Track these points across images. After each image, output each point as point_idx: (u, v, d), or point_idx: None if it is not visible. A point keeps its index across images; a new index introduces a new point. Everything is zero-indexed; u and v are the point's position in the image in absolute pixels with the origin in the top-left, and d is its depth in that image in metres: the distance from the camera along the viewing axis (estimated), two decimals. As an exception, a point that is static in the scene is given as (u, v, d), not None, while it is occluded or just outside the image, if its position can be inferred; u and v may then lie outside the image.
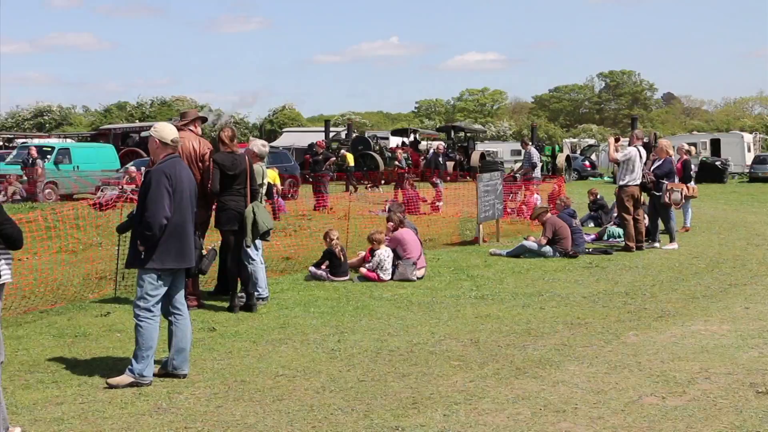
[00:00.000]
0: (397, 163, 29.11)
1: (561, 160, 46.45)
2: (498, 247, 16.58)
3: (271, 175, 17.14)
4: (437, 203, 24.10)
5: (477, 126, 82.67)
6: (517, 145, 55.03)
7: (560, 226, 15.49)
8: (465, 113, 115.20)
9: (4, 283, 6.23)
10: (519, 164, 29.59)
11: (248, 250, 10.69)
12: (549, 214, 16.00)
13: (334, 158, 29.41)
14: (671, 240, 16.66)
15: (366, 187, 28.09)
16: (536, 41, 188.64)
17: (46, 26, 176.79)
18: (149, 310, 7.36)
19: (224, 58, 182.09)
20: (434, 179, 26.41)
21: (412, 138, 51.35)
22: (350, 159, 37.28)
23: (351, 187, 30.55)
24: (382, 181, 27.29)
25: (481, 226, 17.51)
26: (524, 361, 8.12)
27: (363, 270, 12.91)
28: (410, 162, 44.53)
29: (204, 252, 8.42)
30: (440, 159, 28.85)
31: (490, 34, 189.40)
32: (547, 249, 15.29)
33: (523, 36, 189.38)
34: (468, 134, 50.50)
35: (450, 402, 6.86)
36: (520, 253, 15.37)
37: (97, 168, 31.40)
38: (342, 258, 12.86)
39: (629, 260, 14.90)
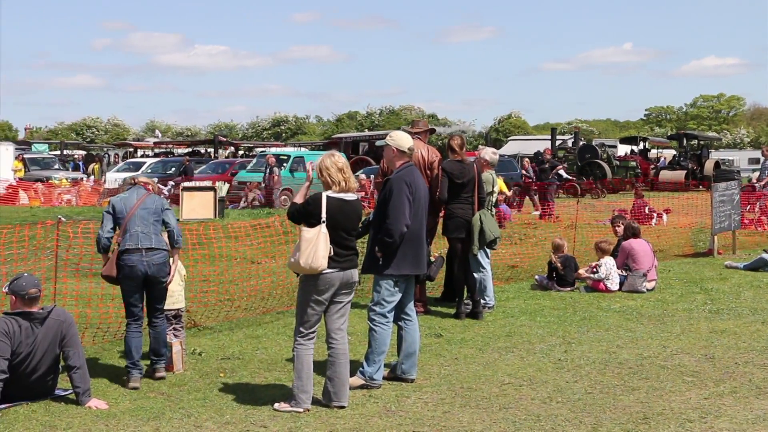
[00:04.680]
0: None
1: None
2: (734, 259, 15.79)
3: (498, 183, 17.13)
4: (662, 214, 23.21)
5: (711, 134, 79.09)
6: (756, 154, 52.22)
7: (804, 238, 14.56)
8: (698, 120, 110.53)
9: None
10: (757, 173, 28.02)
11: (479, 258, 10.75)
12: (792, 226, 15.08)
13: (561, 166, 28.93)
14: None
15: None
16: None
17: (288, 40, 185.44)
18: (384, 316, 7.54)
19: (453, 68, 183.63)
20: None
21: (641, 146, 49.86)
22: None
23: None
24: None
25: (715, 237, 16.76)
26: (765, 381, 7.69)
27: (590, 280, 12.67)
28: (639, 171, 43.44)
29: (432, 259, 8.55)
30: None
31: (731, 37, 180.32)
32: (790, 263, 14.40)
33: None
34: (701, 142, 48.39)
35: (683, 419, 6.61)
36: (759, 266, 14.57)
37: (329, 176, 32.46)
38: (568, 268, 12.67)
39: None
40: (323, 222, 6.81)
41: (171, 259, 7.99)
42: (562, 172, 38.69)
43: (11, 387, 6.83)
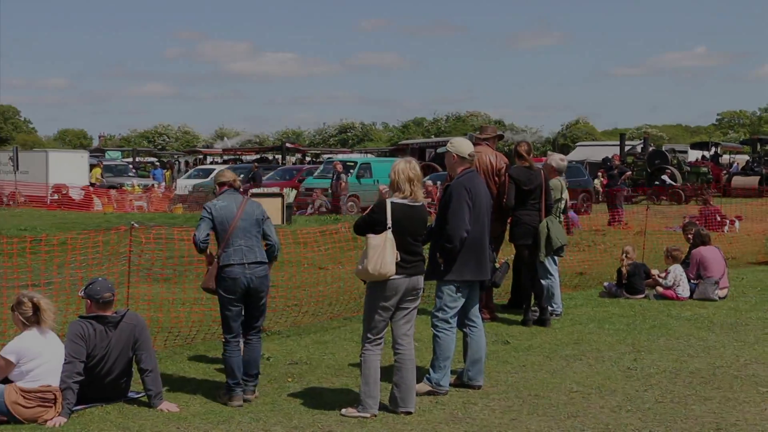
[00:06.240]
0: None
1: None
2: (810, 267, 15.44)
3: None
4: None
5: (786, 138, 77.23)
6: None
7: None
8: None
9: None
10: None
11: (547, 265, 10.67)
12: None
13: (630, 172, 28.53)
14: None
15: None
16: None
17: (355, 47, 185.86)
18: (447, 322, 7.55)
19: (520, 73, 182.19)
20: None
21: (712, 151, 48.98)
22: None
23: None
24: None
25: (791, 244, 16.41)
26: (842, 392, 7.50)
27: (660, 288, 12.49)
28: (710, 176, 42.66)
29: (497, 265, 8.51)
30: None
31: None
32: None
33: None
34: (776, 147, 47.32)
35: (758, 431, 6.48)
36: (836, 274, 14.22)
37: (396, 182, 32.50)
38: (637, 275, 12.49)
39: None
40: (389, 228, 6.84)
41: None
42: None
43: (87, 389, 7.01)
